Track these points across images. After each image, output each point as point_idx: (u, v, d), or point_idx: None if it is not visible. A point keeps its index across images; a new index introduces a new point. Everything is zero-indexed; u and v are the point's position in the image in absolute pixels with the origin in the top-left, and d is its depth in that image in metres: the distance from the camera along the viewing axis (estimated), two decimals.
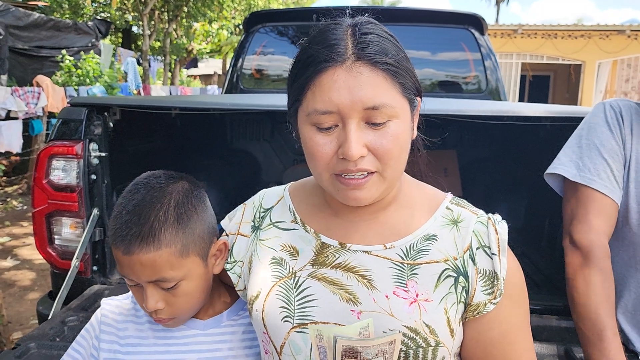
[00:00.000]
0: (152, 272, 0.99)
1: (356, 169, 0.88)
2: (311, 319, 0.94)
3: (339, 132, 0.88)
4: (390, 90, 0.88)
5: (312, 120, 0.89)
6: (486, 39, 3.82)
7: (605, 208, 1.53)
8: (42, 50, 9.96)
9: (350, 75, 0.86)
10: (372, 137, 0.88)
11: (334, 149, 0.89)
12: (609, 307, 1.42)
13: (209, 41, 17.40)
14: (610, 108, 1.62)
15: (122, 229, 0.99)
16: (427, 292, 0.93)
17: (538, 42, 16.96)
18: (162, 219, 1.00)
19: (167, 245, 0.99)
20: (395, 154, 0.89)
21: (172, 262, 1.00)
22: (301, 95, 0.92)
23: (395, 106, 0.88)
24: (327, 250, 1.00)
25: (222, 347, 1.11)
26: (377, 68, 0.87)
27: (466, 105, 2.20)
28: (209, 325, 1.13)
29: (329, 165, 0.90)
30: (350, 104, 0.85)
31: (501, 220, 1.00)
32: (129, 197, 1.03)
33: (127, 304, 1.17)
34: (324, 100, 0.87)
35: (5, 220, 6.77)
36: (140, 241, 0.98)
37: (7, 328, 3.41)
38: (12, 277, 4.87)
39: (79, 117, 2.04)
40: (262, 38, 3.97)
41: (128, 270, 1.01)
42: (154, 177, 1.07)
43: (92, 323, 1.17)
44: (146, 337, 1.11)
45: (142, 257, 0.98)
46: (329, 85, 0.86)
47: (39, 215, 2.07)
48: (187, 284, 1.04)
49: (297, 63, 0.94)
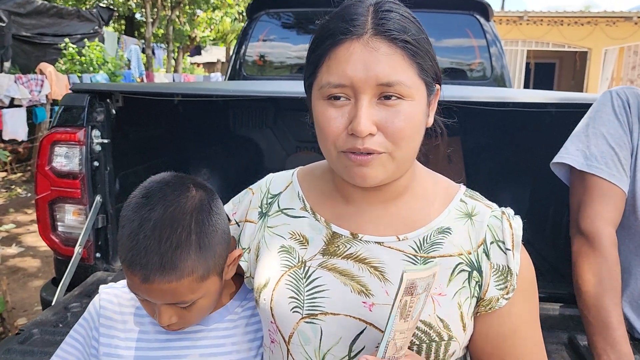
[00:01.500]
0: (171, 297, 0.95)
1: (363, 148, 0.85)
2: (321, 310, 0.92)
3: (351, 107, 0.86)
4: (407, 69, 0.85)
5: (324, 93, 0.87)
6: (492, 25, 3.79)
7: (613, 196, 1.53)
8: (45, 37, 9.94)
9: (366, 49, 0.84)
10: (384, 115, 0.85)
11: (344, 123, 0.86)
12: (614, 295, 1.42)
13: (212, 28, 17.32)
14: (617, 96, 1.61)
15: (140, 255, 0.91)
16: (441, 286, 0.91)
17: (544, 29, 16.82)
18: (184, 245, 0.92)
19: (190, 273, 0.93)
20: (407, 134, 0.86)
21: (193, 287, 0.95)
22: (316, 68, 0.90)
23: (410, 86, 0.85)
24: (338, 240, 0.97)
25: (225, 342, 1.09)
26: (396, 45, 0.84)
27: (471, 92, 2.18)
28: (212, 319, 1.10)
29: (337, 140, 0.87)
30: (365, 78, 0.83)
31: (515, 215, 0.98)
32: (143, 215, 0.93)
33: (126, 293, 1.13)
34: (338, 73, 0.85)
35: (9, 208, 6.79)
36: (162, 272, 0.91)
37: (11, 314, 3.44)
38: (16, 264, 4.90)
39: (81, 103, 2.03)
40: (265, 25, 3.94)
41: (144, 294, 0.96)
42: (167, 187, 0.97)
43: (90, 312, 1.13)
44: (147, 331, 1.09)
45: (163, 286, 0.92)
46: (345, 58, 0.84)
47: (42, 202, 2.07)
48: (203, 301, 1.00)
49: (315, 37, 0.92)
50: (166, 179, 0.99)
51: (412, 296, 0.75)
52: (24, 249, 5.30)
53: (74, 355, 1.11)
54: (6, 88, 7.24)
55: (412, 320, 0.77)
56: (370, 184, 0.90)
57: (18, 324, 3.53)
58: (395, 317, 0.75)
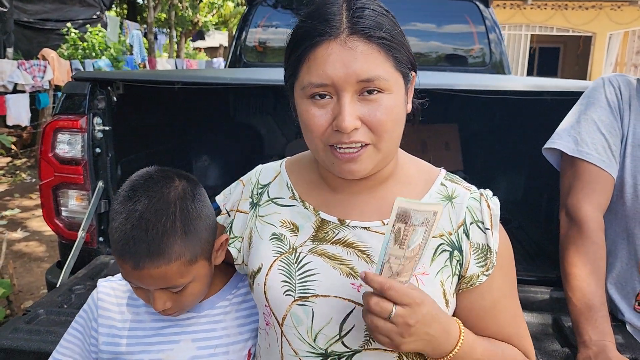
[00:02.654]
0: (162, 282, 1.01)
1: (349, 141, 0.90)
2: (312, 292, 0.98)
3: (334, 105, 0.90)
4: (384, 63, 0.90)
5: (307, 93, 0.91)
6: (491, 12, 3.79)
7: (602, 182, 1.56)
8: (47, 22, 9.94)
9: (344, 48, 0.88)
10: (366, 109, 0.89)
11: (328, 120, 0.91)
12: (598, 278, 1.46)
13: (214, 13, 17.23)
14: (609, 84, 1.64)
15: (129, 245, 0.97)
16: (424, 265, 0.96)
17: (548, 13, 16.67)
18: (170, 232, 0.98)
19: (177, 258, 0.99)
20: (389, 126, 0.91)
21: (182, 271, 1.01)
22: (297, 70, 0.94)
23: (388, 79, 0.90)
24: (327, 226, 1.03)
25: (216, 327, 1.15)
26: (371, 42, 0.89)
27: (467, 80, 2.21)
28: (203, 307, 1.16)
29: (323, 136, 0.92)
30: (345, 76, 0.87)
31: (492, 196, 1.03)
32: (129, 207, 0.99)
33: (122, 285, 1.20)
34: (318, 74, 0.89)
35: (14, 193, 6.86)
36: (151, 258, 0.97)
37: (18, 297, 3.51)
38: (22, 248, 4.98)
39: (83, 91, 2.07)
40: (265, 11, 3.96)
41: (136, 281, 1.01)
42: (151, 180, 1.03)
43: (89, 305, 1.19)
44: (143, 320, 1.15)
45: (152, 271, 0.98)
46: (324, 59, 0.88)
47: (45, 187, 2.12)
48: (194, 285, 1.06)
49: (293, 38, 0.95)
50: (149, 173, 1.05)
51: (406, 225, 0.80)
52: (29, 234, 5.37)
53: (75, 345, 1.18)
54: (9, 74, 7.28)
55: (409, 250, 0.82)
56: (358, 177, 0.96)
57: (25, 307, 3.61)
58: (389, 241, 0.80)
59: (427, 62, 3.64)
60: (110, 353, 1.12)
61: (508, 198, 1.05)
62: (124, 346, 1.12)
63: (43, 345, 1.49)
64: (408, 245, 0.82)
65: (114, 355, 1.12)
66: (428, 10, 3.77)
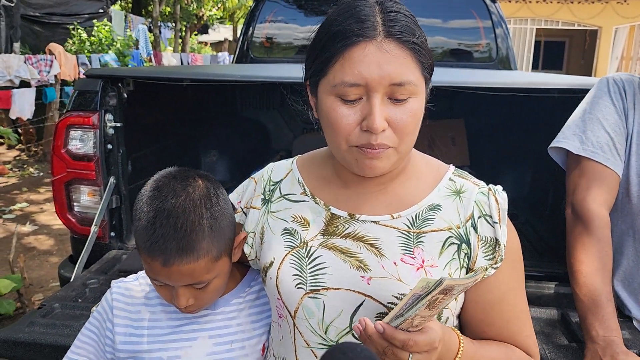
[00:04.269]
0: (190, 278, 1.04)
1: (377, 144, 0.92)
2: (323, 285, 1.01)
3: (363, 105, 0.92)
4: (415, 69, 0.93)
5: (337, 91, 0.93)
6: (497, 6, 3.79)
7: (607, 180, 1.59)
8: (53, 17, 9.96)
9: (379, 50, 0.90)
10: (394, 112, 0.92)
11: (357, 120, 0.93)
12: (605, 275, 1.48)
13: (219, 7, 17.21)
14: (613, 82, 1.67)
15: (158, 242, 1.00)
16: (433, 258, 0.99)
17: (554, 6, 16.58)
18: (198, 229, 1.01)
19: (205, 254, 1.02)
20: (412, 129, 0.95)
21: (208, 267, 1.04)
22: (326, 67, 0.95)
23: (417, 84, 0.93)
24: (337, 220, 1.06)
25: (231, 324, 1.18)
26: (405, 46, 0.92)
27: (474, 77, 2.22)
28: (218, 304, 1.19)
29: (350, 136, 0.94)
30: (379, 78, 0.90)
31: (501, 191, 1.05)
32: (156, 206, 1.02)
33: (136, 285, 1.22)
34: (353, 73, 0.91)
35: (22, 187, 6.91)
36: (180, 254, 1.00)
37: (28, 290, 3.56)
38: (31, 242, 5.02)
39: (95, 88, 2.10)
40: (272, 6, 3.96)
41: (164, 278, 1.04)
42: (175, 180, 1.06)
43: (103, 306, 1.21)
44: (159, 319, 1.17)
45: (181, 268, 1.01)
46: (360, 59, 0.90)
47: (58, 183, 2.15)
48: (217, 281, 1.09)
49: (324, 35, 0.96)
50: (172, 173, 1.08)
51: (445, 295, 0.81)
52: (38, 227, 5.42)
53: (90, 345, 1.21)
54: (16, 69, 7.30)
55: (436, 310, 0.83)
56: (376, 175, 0.99)
57: (35, 300, 3.66)
58: (421, 305, 0.80)
59: (434, 58, 3.62)
60: (129, 352, 1.15)
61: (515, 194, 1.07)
62: (143, 344, 1.15)
63: (59, 338, 1.53)
64: (438, 307, 0.83)
65: (133, 354, 1.15)
66: (435, 5, 3.77)
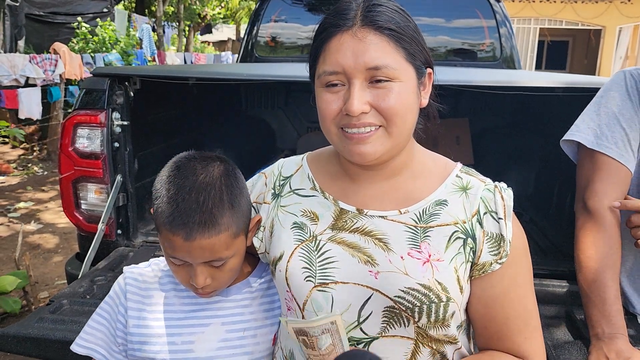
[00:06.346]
0: (210, 254, 1.06)
1: (359, 123, 0.97)
2: (332, 279, 1.02)
3: (345, 91, 0.98)
4: (393, 53, 0.97)
5: (322, 81, 1.00)
6: (501, 6, 3.79)
7: (620, 176, 1.57)
8: (57, 16, 9.99)
9: (355, 38, 0.96)
10: (375, 95, 0.96)
11: (340, 105, 0.98)
12: (613, 271, 1.48)
13: (222, 6, 17.22)
14: (630, 77, 1.63)
15: (181, 216, 1.02)
16: (439, 252, 1.01)
17: (557, 6, 16.56)
18: (219, 204, 1.04)
19: (226, 229, 1.05)
20: (399, 111, 0.97)
21: (228, 243, 1.07)
22: (315, 61, 1.03)
23: (397, 68, 0.96)
24: (346, 215, 1.08)
25: (244, 312, 1.19)
26: (381, 33, 0.96)
27: (478, 76, 2.23)
28: (231, 292, 1.20)
29: (335, 119, 0.99)
30: (354, 64, 0.95)
31: (507, 188, 1.07)
32: (178, 183, 1.05)
33: (149, 271, 1.24)
34: (331, 62, 0.97)
35: (27, 185, 6.94)
36: (203, 228, 1.02)
37: (34, 287, 3.58)
38: (36, 240, 5.04)
39: (102, 87, 2.11)
40: (277, 5, 3.97)
41: (184, 254, 1.05)
42: (194, 160, 1.10)
43: (115, 290, 1.23)
44: (172, 303, 1.19)
45: (203, 242, 1.03)
46: (336, 48, 0.97)
47: (65, 181, 2.17)
48: (234, 260, 1.11)
49: (314, 33, 1.04)
50: (191, 155, 1.12)
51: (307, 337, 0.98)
52: (43, 226, 5.44)
53: (100, 331, 1.21)
54: (21, 68, 7.33)
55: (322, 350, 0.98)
56: (369, 160, 1.01)
57: (41, 297, 3.68)
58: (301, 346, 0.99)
59: (438, 57, 3.64)
60: (141, 335, 1.16)
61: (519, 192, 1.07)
62: (156, 329, 1.16)
63: (68, 334, 1.54)
64: (319, 347, 0.96)
65: (145, 338, 1.16)
66: (439, 4, 3.78)
